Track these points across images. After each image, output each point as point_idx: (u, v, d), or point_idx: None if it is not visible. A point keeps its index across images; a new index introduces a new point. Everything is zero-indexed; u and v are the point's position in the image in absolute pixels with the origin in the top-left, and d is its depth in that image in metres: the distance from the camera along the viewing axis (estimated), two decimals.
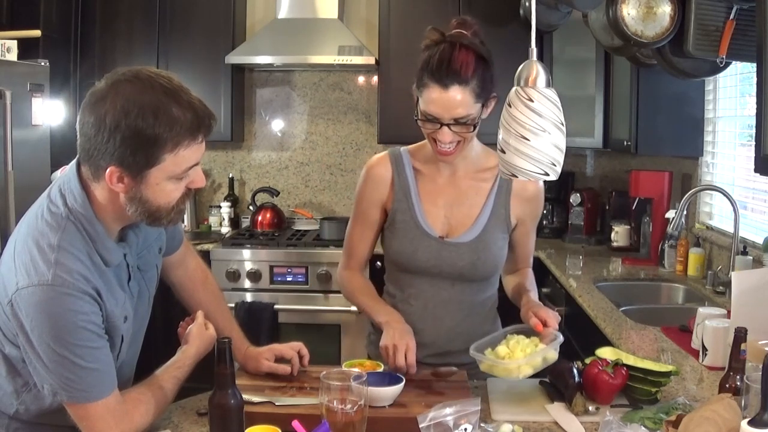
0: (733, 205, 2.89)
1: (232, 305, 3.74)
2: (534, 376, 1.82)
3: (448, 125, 1.79)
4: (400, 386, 1.65)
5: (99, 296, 1.40)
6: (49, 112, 3.44)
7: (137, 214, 1.41)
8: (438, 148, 1.85)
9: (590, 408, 1.65)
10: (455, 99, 1.77)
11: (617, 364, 1.69)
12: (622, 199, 4.04)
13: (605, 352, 1.78)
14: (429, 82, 1.79)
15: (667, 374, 1.70)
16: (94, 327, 1.38)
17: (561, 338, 1.74)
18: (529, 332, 1.78)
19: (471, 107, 1.78)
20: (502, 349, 1.72)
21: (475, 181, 1.98)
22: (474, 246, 1.94)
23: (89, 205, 1.40)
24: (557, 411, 1.67)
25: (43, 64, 3.39)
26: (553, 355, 1.72)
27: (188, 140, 1.37)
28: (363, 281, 2.07)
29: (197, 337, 1.64)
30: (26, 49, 3.46)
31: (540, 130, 1.41)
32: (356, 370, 1.61)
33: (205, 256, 3.88)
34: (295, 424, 1.38)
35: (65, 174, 1.45)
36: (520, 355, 1.69)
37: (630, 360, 1.74)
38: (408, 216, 1.96)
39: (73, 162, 1.45)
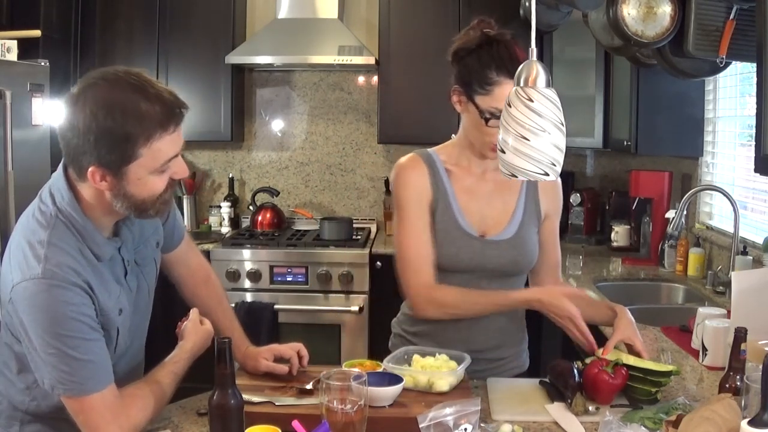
0: (733, 205, 2.89)
1: (232, 305, 3.74)
2: (535, 375, 1.83)
3: None
4: (400, 386, 1.65)
5: (91, 289, 1.42)
6: (49, 112, 3.43)
7: (124, 208, 1.44)
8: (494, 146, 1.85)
9: (590, 408, 1.65)
10: None
11: (617, 364, 1.70)
12: (622, 199, 4.04)
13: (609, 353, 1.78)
14: (502, 79, 1.79)
15: (667, 374, 1.70)
16: (86, 318, 1.40)
17: (454, 377, 1.74)
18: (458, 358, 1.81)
19: None
20: (424, 361, 1.79)
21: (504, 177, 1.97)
22: (514, 243, 1.94)
23: (77, 203, 1.44)
24: (557, 411, 1.67)
25: (43, 64, 3.39)
26: (441, 385, 1.71)
27: (159, 132, 1.38)
28: (459, 287, 1.92)
29: (192, 332, 1.65)
30: (26, 49, 3.46)
31: (540, 130, 1.41)
32: (356, 370, 1.61)
33: (205, 256, 3.85)
34: (295, 424, 1.38)
35: (54, 175, 1.50)
36: (417, 368, 1.76)
37: (630, 360, 1.74)
38: (447, 216, 1.92)
39: (61, 163, 1.49)
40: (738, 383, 1.56)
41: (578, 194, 4.22)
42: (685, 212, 2.98)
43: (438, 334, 1.98)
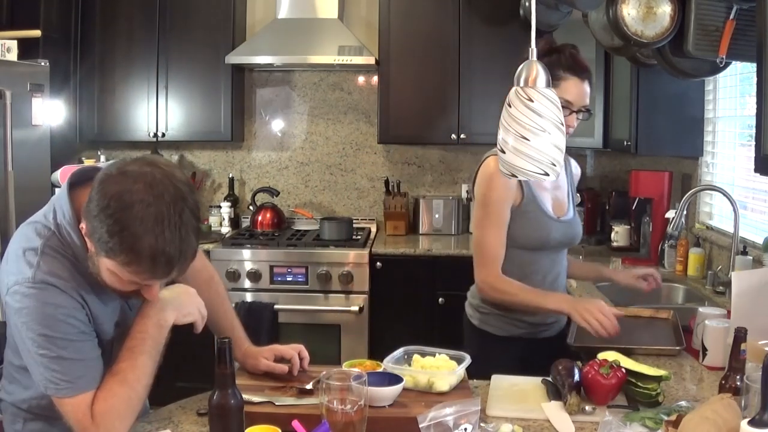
0: (733, 205, 2.89)
1: (232, 305, 3.73)
2: (536, 374, 1.83)
3: (577, 112, 2.17)
4: (400, 386, 1.65)
5: (82, 298, 1.44)
6: (49, 112, 3.44)
7: (93, 272, 1.42)
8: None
9: (587, 408, 1.65)
10: (587, 90, 2.19)
11: (614, 366, 1.70)
12: (622, 199, 4.04)
13: (608, 356, 1.78)
14: (567, 75, 2.16)
15: (657, 378, 1.70)
16: (75, 321, 1.42)
17: (454, 377, 1.75)
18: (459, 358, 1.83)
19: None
20: (424, 360, 1.81)
21: None
22: (576, 221, 2.35)
23: (75, 224, 1.45)
24: (552, 409, 1.67)
25: (43, 64, 3.39)
26: (441, 385, 1.72)
27: (139, 270, 1.34)
28: (519, 282, 2.22)
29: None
30: (26, 49, 3.46)
31: (540, 130, 1.41)
32: (356, 370, 1.62)
33: (206, 256, 3.87)
34: (295, 424, 1.38)
35: (59, 190, 1.50)
36: (417, 368, 1.78)
37: (628, 363, 1.74)
38: (535, 205, 2.23)
39: (66, 181, 1.49)
40: (738, 383, 1.56)
41: (578, 194, 4.20)
42: (685, 212, 2.98)
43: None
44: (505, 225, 2.21)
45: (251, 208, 4.45)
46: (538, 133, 1.41)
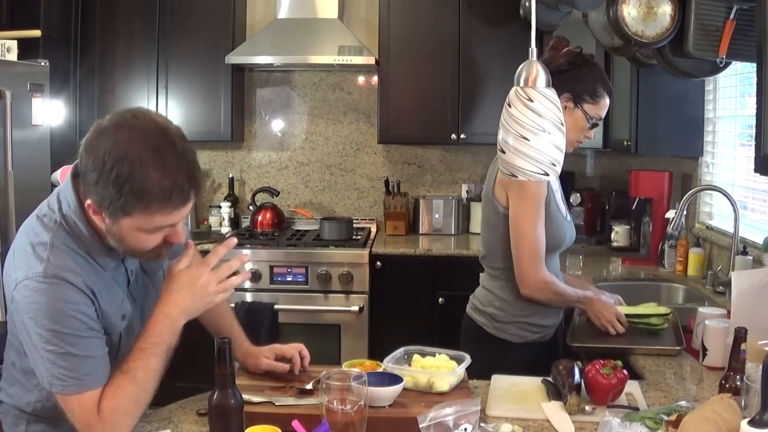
0: (733, 205, 2.89)
1: (232, 305, 3.74)
2: (537, 374, 1.84)
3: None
4: (400, 386, 1.65)
5: (92, 293, 1.43)
6: (49, 112, 3.44)
7: (116, 246, 1.44)
8: (578, 145, 2.31)
9: (587, 408, 1.65)
10: None
11: (615, 366, 1.70)
12: (622, 199, 4.04)
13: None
14: (604, 93, 2.23)
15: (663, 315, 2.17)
16: (85, 318, 1.41)
17: (454, 377, 1.75)
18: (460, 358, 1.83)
19: None
20: (424, 360, 1.81)
21: None
22: (572, 222, 2.36)
23: (82, 213, 1.44)
24: (551, 409, 1.67)
25: (43, 64, 3.39)
26: (441, 385, 1.72)
27: (158, 206, 1.36)
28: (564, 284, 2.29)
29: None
30: (26, 49, 3.46)
31: (540, 130, 1.41)
32: (356, 370, 1.62)
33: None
34: (295, 424, 1.38)
35: (64, 181, 1.50)
36: (417, 368, 1.78)
37: (636, 309, 2.23)
38: (555, 206, 2.24)
39: (70, 171, 1.48)
40: (738, 383, 1.56)
41: (578, 194, 4.21)
42: (685, 212, 2.98)
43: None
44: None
45: (251, 208, 4.45)
46: (538, 133, 1.41)
